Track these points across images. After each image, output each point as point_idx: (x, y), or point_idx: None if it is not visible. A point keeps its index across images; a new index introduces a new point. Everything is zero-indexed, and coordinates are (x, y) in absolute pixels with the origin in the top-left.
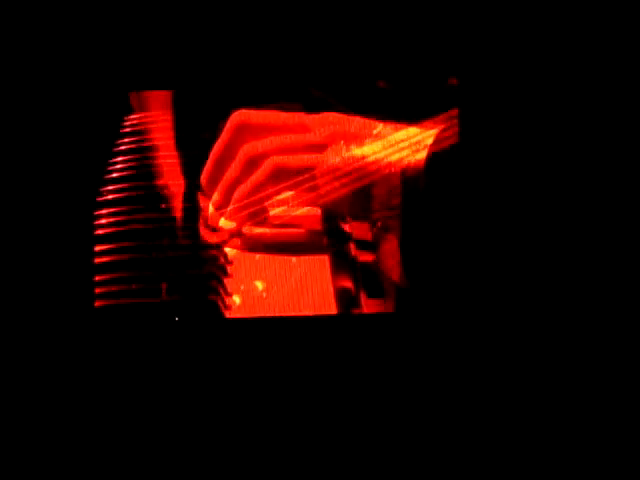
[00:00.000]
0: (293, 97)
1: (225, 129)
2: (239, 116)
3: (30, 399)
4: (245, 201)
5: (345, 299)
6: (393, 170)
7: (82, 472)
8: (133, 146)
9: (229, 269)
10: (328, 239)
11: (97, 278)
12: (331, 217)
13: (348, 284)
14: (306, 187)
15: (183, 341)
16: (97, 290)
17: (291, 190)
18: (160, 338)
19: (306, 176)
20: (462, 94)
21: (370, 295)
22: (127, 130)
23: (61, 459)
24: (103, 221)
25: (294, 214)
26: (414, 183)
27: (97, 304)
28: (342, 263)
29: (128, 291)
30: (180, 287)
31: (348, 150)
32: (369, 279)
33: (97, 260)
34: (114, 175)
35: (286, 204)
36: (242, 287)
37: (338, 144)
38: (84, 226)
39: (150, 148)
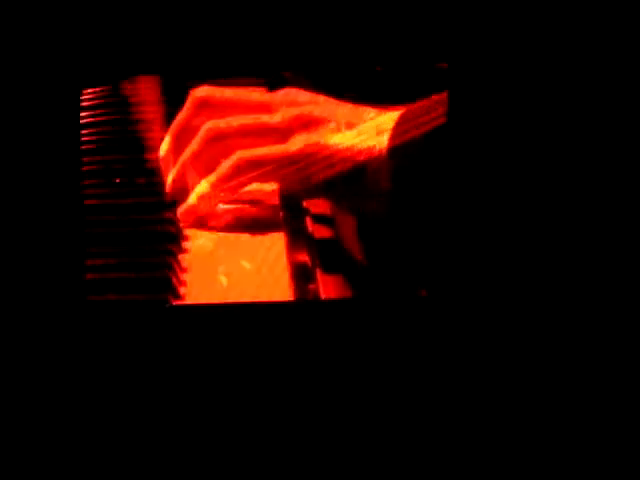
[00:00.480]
0: (257, 73)
1: (186, 105)
2: (200, 92)
3: (22, 394)
4: (209, 192)
5: (301, 275)
6: (358, 157)
7: (73, 468)
8: (97, 119)
9: (185, 245)
10: (284, 214)
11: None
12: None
13: (304, 260)
14: (269, 177)
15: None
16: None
17: (255, 181)
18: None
19: (269, 168)
20: (451, 79)
21: (327, 271)
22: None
23: (53, 454)
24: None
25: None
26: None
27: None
28: (299, 239)
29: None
30: (134, 263)
31: (312, 137)
32: (326, 255)
33: None
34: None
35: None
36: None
37: (302, 131)
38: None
39: (114, 122)
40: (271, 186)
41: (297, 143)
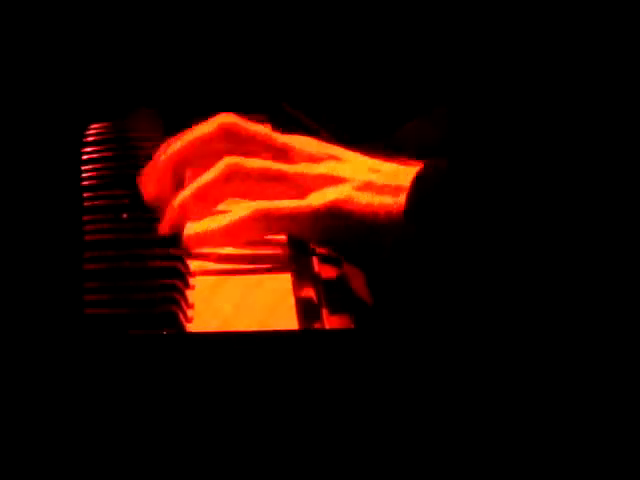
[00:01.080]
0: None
1: (209, 125)
2: (227, 119)
3: (18, 407)
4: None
5: (307, 315)
6: (377, 218)
7: None
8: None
9: (190, 281)
10: (290, 253)
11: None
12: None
13: (311, 300)
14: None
15: (143, 354)
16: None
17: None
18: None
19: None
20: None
21: (333, 312)
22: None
23: (45, 466)
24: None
25: None
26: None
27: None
28: (305, 278)
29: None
30: (138, 298)
31: (330, 195)
32: (332, 295)
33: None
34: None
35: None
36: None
37: (322, 187)
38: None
39: (119, 157)
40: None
41: (317, 199)
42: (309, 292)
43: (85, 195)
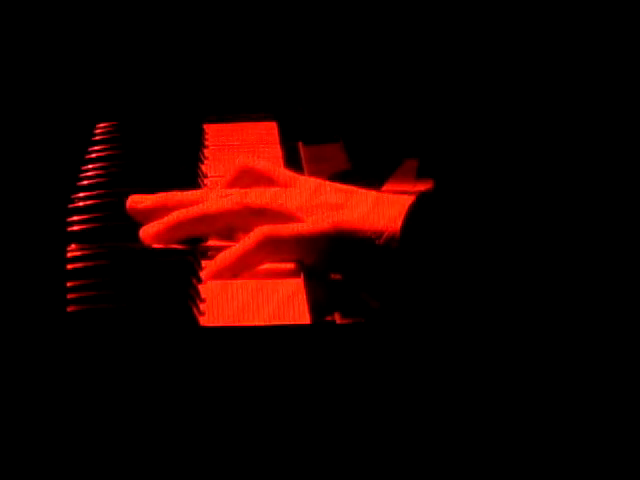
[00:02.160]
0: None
1: (231, 172)
2: (245, 161)
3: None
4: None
5: (320, 320)
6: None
7: None
8: (104, 154)
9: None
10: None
11: (69, 284)
12: None
13: (323, 304)
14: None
15: (158, 348)
16: (69, 295)
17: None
18: (135, 346)
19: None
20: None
21: (345, 315)
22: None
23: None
24: (75, 227)
25: None
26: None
27: (70, 309)
28: (316, 283)
29: (101, 296)
30: (152, 292)
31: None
32: (344, 299)
33: (69, 266)
34: (85, 182)
35: None
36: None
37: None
38: (56, 230)
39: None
40: None
41: (319, 221)
42: (321, 297)
43: (93, 194)
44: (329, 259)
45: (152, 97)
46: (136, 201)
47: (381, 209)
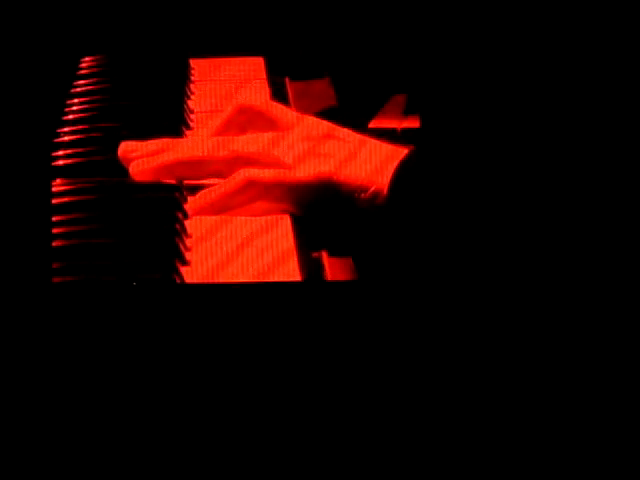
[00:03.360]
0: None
1: (229, 108)
2: (245, 99)
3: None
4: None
5: (307, 259)
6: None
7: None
8: (90, 88)
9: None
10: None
11: (55, 218)
12: None
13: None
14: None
15: (140, 307)
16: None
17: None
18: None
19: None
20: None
21: (333, 253)
22: (84, 72)
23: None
24: (60, 162)
25: None
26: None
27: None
28: (304, 227)
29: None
30: (138, 227)
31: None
32: (331, 236)
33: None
34: (70, 117)
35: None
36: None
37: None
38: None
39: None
40: None
41: (304, 170)
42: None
43: (80, 127)
44: (313, 208)
45: (138, 31)
46: (128, 150)
47: (371, 163)
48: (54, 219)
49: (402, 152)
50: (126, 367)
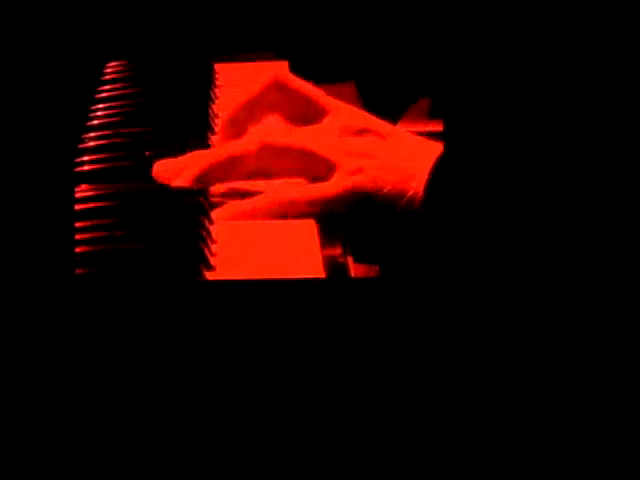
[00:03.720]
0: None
1: (263, 81)
2: (277, 74)
3: (7, 380)
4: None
5: (333, 264)
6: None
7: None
8: (115, 93)
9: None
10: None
11: (78, 224)
12: None
13: (336, 250)
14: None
15: (164, 304)
16: (78, 236)
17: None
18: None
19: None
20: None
21: (358, 260)
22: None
23: (36, 437)
24: (85, 168)
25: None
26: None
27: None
28: (329, 227)
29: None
30: (163, 233)
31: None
32: (358, 243)
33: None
34: (95, 122)
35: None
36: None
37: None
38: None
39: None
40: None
41: (338, 185)
42: (334, 241)
43: (104, 133)
44: (345, 218)
45: (162, 35)
46: (161, 170)
47: (408, 163)
48: (78, 225)
49: (437, 148)
50: (146, 368)
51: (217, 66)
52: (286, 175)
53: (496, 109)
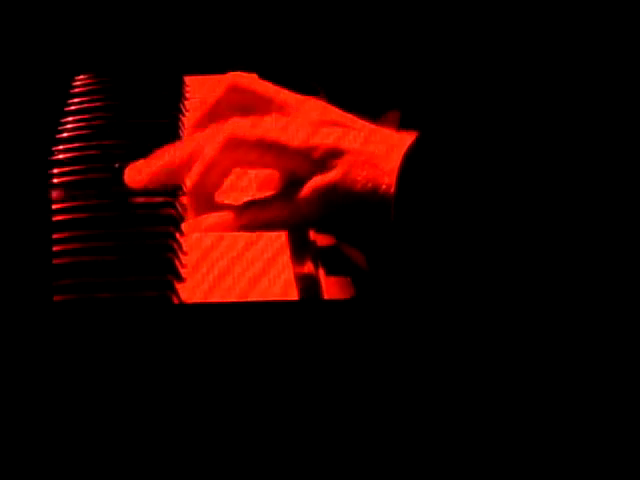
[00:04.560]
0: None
1: (220, 86)
2: (234, 77)
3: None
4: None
5: (305, 282)
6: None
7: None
8: (85, 106)
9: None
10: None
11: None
12: None
13: (308, 268)
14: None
15: (136, 325)
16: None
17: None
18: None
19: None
20: None
21: (330, 272)
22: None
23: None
24: (55, 180)
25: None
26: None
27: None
28: (301, 245)
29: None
30: (133, 246)
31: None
32: (329, 261)
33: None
34: (65, 135)
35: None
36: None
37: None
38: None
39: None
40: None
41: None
42: (306, 259)
43: (74, 146)
44: (318, 221)
45: (132, 48)
46: (133, 180)
47: (382, 158)
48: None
49: (408, 139)
50: (123, 383)
51: (187, 78)
52: (253, 168)
53: (468, 99)
